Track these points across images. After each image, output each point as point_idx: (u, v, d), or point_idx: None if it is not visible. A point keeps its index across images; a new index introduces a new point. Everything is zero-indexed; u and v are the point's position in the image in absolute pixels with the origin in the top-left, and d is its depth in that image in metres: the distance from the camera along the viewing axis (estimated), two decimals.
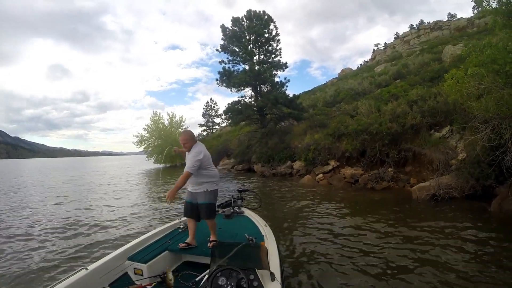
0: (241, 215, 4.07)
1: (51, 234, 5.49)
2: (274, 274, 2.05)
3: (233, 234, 3.26)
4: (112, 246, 4.61)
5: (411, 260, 3.69)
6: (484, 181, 6.39)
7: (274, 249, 2.67)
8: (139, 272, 2.65)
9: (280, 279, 2.07)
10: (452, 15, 47.63)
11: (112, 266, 2.57)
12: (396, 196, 7.73)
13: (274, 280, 2.00)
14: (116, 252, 2.75)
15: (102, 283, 2.38)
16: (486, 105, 5.36)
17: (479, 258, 3.66)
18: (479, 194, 6.47)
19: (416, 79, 15.33)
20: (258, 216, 3.93)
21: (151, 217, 6.66)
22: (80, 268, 2.35)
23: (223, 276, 1.92)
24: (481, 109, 5.64)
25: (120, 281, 2.58)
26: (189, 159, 2.96)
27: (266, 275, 2.04)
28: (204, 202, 3.04)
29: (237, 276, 1.91)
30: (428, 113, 9.20)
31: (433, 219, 5.34)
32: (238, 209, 4.20)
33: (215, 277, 1.92)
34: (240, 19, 17.95)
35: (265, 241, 2.89)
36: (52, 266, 3.97)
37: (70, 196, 10.32)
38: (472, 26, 34.62)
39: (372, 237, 4.64)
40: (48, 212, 7.51)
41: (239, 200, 4.44)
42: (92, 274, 2.34)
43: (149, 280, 2.54)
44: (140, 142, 31.16)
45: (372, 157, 9.77)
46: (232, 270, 1.95)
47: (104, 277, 2.45)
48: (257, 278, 1.96)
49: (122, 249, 2.82)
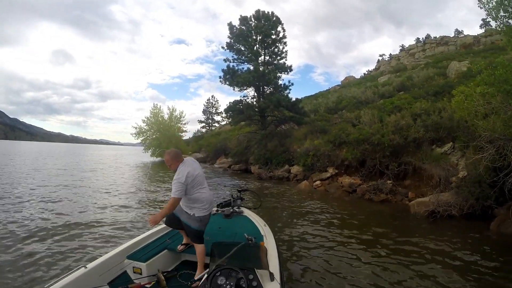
0: (241, 215, 4.06)
1: (50, 232, 5.13)
2: (273, 274, 2.05)
3: (232, 233, 3.25)
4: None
5: (405, 276, 3.65)
6: (483, 201, 6.31)
7: (273, 249, 2.68)
8: (138, 270, 2.65)
9: (279, 279, 2.07)
10: (459, 31, 47.83)
11: (111, 264, 2.57)
12: (394, 209, 7.62)
13: (273, 280, 2.01)
14: (115, 251, 2.73)
15: (101, 282, 2.38)
16: (493, 125, 5.27)
17: (477, 282, 3.58)
18: (478, 213, 6.38)
19: (420, 92, 15.26)
20: (258, 216, 3.93)
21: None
22: (79, 266, 2.34)
23: (222, 275, 1.91)
24: (487, 128, 5.56)
25: (119, 280, 2.58)
26: (173, 183, 2.62)
27: (265, 275, 2.04)
28: (187, 224, 2.74)
29: (236, 276, 1.91)
30: (431, 127, 9.12)
31: (431, 237, 5.22)
32: (238, 209, 4.19)
33: (214, 276, 1.91)
34: (248, 19, 17.84)
35: (265, 241, 2.90)
36: (51, 264, 3.84)
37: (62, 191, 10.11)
38: (479, 44, 34.73)
39: (368, 246, 4.58)
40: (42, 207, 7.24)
41: (238, 200, 4.41)
42: (91, 273, 2.34)
43: (148, 278, 2.56)
44: (138, 134, 30.95)
45: (371, 168, 9.67)
46: (231, 269, 1.94)
47: (103, 276, 2.45)
48: (256, 278, 1.96)
49: (121, 248, 2.80)
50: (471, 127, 7.49)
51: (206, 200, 2.77)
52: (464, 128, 8.15)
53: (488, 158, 5.82)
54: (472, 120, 5.85)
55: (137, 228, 5.36)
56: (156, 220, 2.55)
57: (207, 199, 2.79)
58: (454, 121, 8.77)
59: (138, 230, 5.19)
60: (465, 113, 5.84)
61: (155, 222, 2.56)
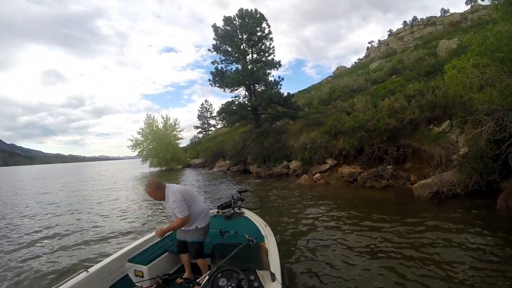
0: (241, 216, 4.05)
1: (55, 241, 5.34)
2: (275, 275, 2.03)
3: (233, 235, 3.26)
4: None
5: (417, 261, 3.47)
6: (488, 176, 6.12)
7: (274, 249, 2.66)
8: (139, 274, 2.65)
9: (281, 280, 2.06)
10: (445, 11, 47.72)
11: (112, 268, 2.57)
12: (397, 194, 7.40)
13: (275, 280, 1.99)
14: (117, 254, 2.73)
15: (102, 285, 2.38)
16: (490, 96, 5.04)
17: (489, 258, 3.41)
18: (483, 190, 6.18)
19: (412, 74, 15.08)
20: (258, 217, 3.91)
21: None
22: (81, 270, 2.33)
23: (223, 277, 1.90)
24: (484, 100, 5.33)
25: (120, 283, 2.58)
26: (172, 207, 2.65)
27: (267, 276, 2.03)
28: (193, 241, 2.77)
29: (237, 277, 1.89)
30: (426, 107, 8.90)
31: (439, 219, 5.02)
32: (238, 210, 4.18)
33: (215, 278, 1.90)
34: (232, 18, 17.61)
35: (266, 241, 2.88)
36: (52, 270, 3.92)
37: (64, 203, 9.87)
38: (466, 21, 34.64)
39: (374, 239, 4.33)
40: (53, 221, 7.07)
41: (239, 201, 4.39)
42: (92, 276, 2.33)
43: (149, 282, 2.54)
44: (135, 146, 30.74)
45: (370, 155, 9.45)
46: (232, 271, 1.93)
47: (105, 279, 2.45)
48: (257, 278, 1.95)
49: (123, 251, 2.81)
50: (467, 102, 7.29)
51: (203, 211, 2.87)
52: (460, 104, 7.94)
53: (487, 131, 5.60)
54: (467, 94, 5.63)
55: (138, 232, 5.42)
56: (162, 232, 2.66)
57: (204, 209, 2.90)
58: (449, 98, 8.55)
59: (139, 233, 5.28)
60: (459, 88, 5.61)
61: (161, 235, 2.67)
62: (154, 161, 30.42)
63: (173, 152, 29.81)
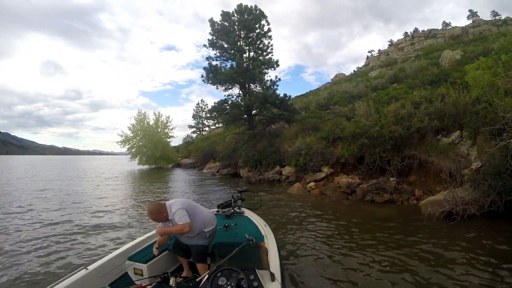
0: (241, 215, 4.03)
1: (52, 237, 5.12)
2: (274, 275, 2.00)
3: (233, 234, 3.23)
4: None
5: None
6: (506, 196, 5.31)
7: (274, 249, 2.63)
8: (139, 272, 2.64)
9: (280, 280, 2.04)
10: (447, 24, 47.79)
11: (112, 266, 2.53)
12: (402, 211, 6.52)
13: (274, 280, 1.96)
14: (116, 252, 2.71)
15: (102, 283, 2.34)
16: None
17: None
18: (501, 211, 5.37)
19: (415, 82, 14.38)
20: (258, 217, 3.89)
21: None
22: (80, 268, 2.30)
23: (223, 276, 1.87)
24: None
25: (120, 281, 2.56)
26: (174, 218, 2.56)
27: (266, 276, 1.99)
28: (198, 244, 2.69)
29: (237, 277, 1.86)
30: (435, 115, 8.09)
31: (463, 249, 4.08)
32: (238, 209, 4.17)
33: (215, 277, 1.87)
34: (231, 14, 16.73)
35: (265, 241, 2.83)
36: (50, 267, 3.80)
37: None
38: (467, 35, 34.47)
39: (382, 273, 3.41)
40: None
41: (239, 201, 4.39)
42: (92, 274, 2.31)
43: (149, 280, 2.51)
44: (124, 142, 29.58)
45: (371, 164, 8.60)
46: (232, 270, 1.90)
47: (104, 277, 2.41)
48: (257, 278, 1.92)
49: (122, 249, 2.78)
50: (480, 112, 6.52)
51: (208, 216, 2.84)
52: (472, 113, 7.18)
53: None
54: (491, 99, 4.80)
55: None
56: (161, 232, 2.60)
57: (210, 218, 2.85)
58: (460, 106, 7.78)
59: (138, 231, 5.19)
60: (483, 92, 4.77)
61: (160, 234, 2.62)
62: (143, 159, 29.31)
63: (163, 150, 28.72)
